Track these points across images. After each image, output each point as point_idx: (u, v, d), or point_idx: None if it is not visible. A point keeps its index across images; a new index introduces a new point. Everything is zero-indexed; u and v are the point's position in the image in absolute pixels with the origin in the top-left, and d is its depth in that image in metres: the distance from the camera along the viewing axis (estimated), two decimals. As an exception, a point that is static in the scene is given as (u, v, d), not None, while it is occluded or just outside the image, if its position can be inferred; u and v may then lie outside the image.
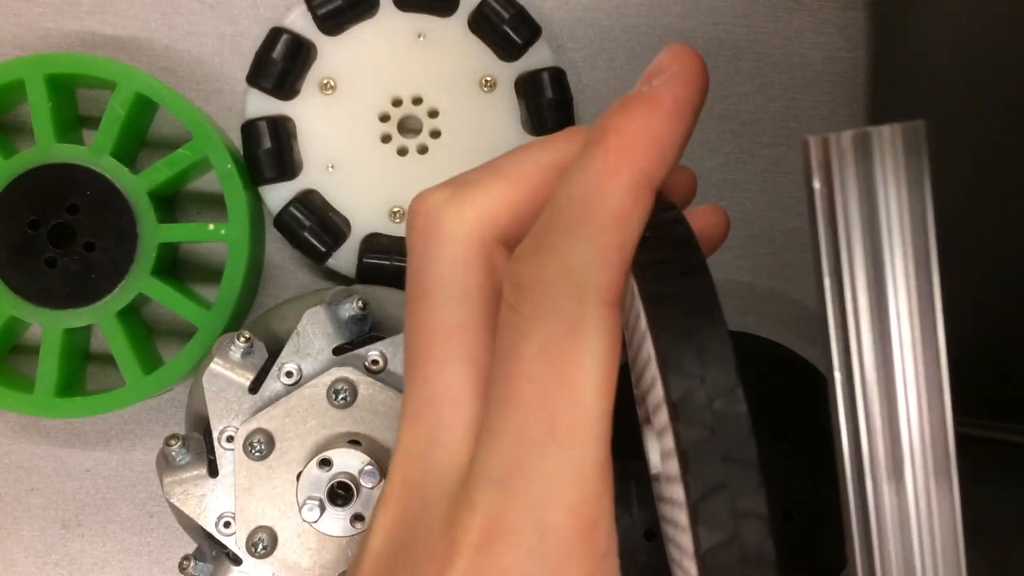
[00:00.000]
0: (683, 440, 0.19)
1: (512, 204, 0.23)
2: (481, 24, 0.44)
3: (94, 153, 0.41)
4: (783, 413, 0.42)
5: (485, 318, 0.22)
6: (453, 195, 0.23)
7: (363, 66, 0.44)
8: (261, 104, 0.44)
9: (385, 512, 0.22)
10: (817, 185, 0.22)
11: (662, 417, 0.20)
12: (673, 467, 0.20)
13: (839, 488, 0.22)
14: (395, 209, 0.44)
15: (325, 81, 0.44)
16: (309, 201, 0.43)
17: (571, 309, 0.20)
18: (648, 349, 0.20)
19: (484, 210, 0.23)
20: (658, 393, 0.20)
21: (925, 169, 0.22)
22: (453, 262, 0.22)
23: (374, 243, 0.43)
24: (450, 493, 0.21)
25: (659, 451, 0.22)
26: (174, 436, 0.37)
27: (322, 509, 0.36)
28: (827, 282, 0.22)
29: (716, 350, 0.19)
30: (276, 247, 0.46)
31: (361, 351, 0.37)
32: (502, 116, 0.44)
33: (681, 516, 0.20)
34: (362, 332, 0.39)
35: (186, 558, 0.37)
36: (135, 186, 0.41)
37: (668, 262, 0.20)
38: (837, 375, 0.22)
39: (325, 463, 0.36)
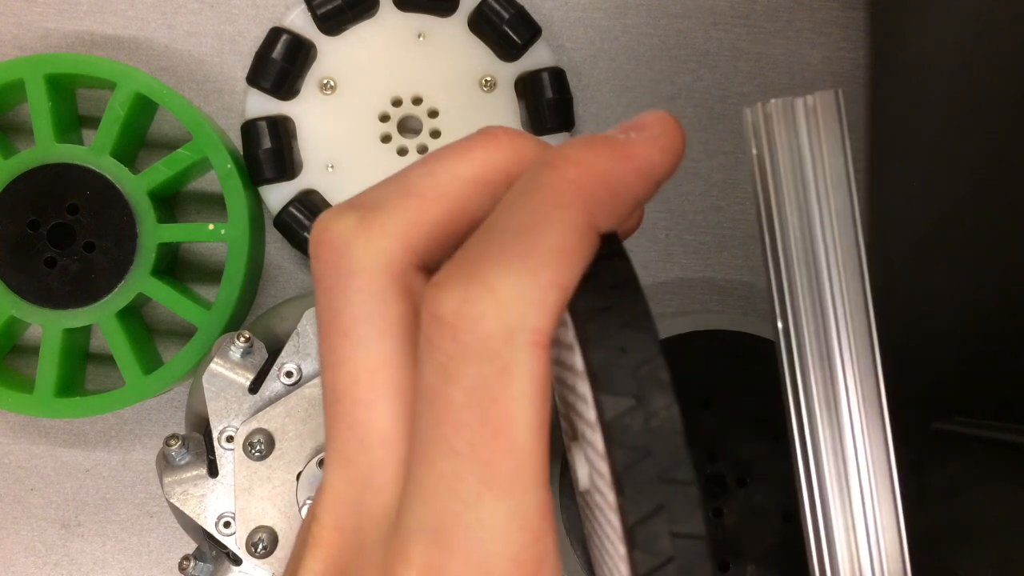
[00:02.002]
0: (618, 463, 0.18)
1: (428, 226, 0.21)
2: (481, 24, 0.44)
3: (94, 153, 0.41)
4: (783, 413, 0.42)
5: (409, 350, 0.21)
6: (361, 222, 0.21)
7: (363, 66, 0.44)
8: (261, 104, 0.44)
9: (315, 556, 0.21)
10: (754, 150, 0.24)
11: (596, 438, 0.19)
12: (605, 485, 0.19)
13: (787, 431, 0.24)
14: (395, 209, 0.44)
15: (325, 81, 0.44)
16: (309, 201, 0.43)
17: (501, 350, 0.18)
18: (578, 363, 0.20)
19: (397, 237, 0.21)
20: (591, 413, 0.19)
21: (844, 131, 0.24)
22: (368, 297, 0.20)
23: (374, 243, 0.43)
24: (384, 540, 0.20)
25: (587, 469, 0.21)
26: (174, 436, 0.37)
27: (322, 509, 0.36)
28: (766, 239, 0.24)
29: (652, 367, 0.18)
30: (276, 247, 0.46)
31: (361, 351, 0.37)
32: (502, 116, 0.44)
33: (614, 533, 0.20)
34: (362, 332, 0.39)
35: (186, 558, 0.37)
36: (135, 186, 0.41)
37: (609, 310, 0.19)
38: (779, 323, 0.24)
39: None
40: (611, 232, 0.20)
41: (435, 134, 0.44)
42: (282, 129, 0.43)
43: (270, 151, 0.43)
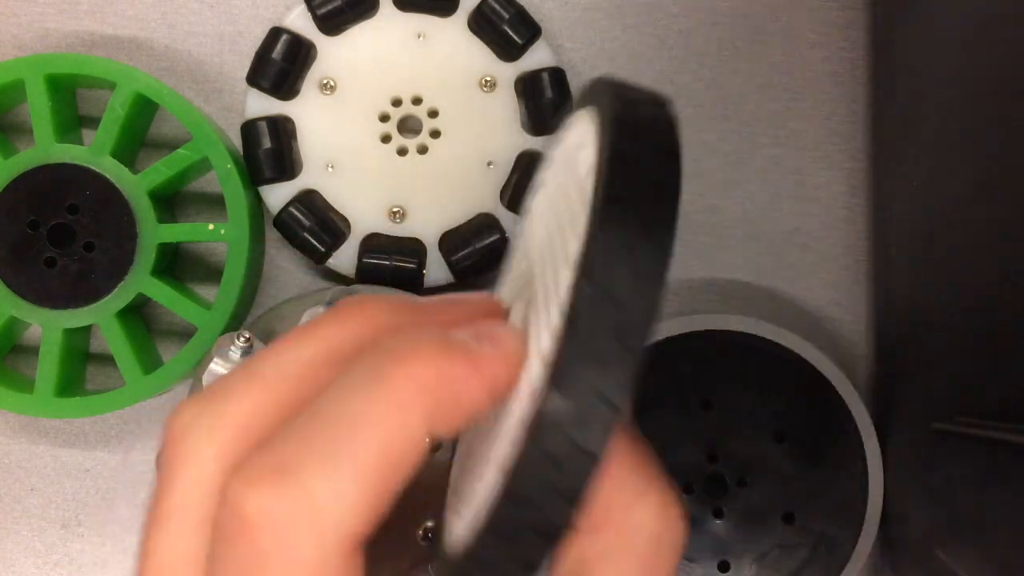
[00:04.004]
0: (579, 300, 0.17)
1: (271, 414, 0.19)
2: (481, 24, 0.44)
3: (94, 153, 0.41)
4: (783, 413, 0.42)
5: None
6: (202, 412, 0.20)
7: (363, 66, 0.44)
8: (261, 104, 0.44)
9: None
10: None
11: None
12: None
13: None
14: (395, 209, 0.44)
15: (325, 81, 0.44)
16: (309, 201, 0.43)
17: (311, 557, 0.17)
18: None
19: (236, 425, 0.19)
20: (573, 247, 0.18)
21: None
22: (196, 486, 0.19)
23: (374, 243, 0.43)
24: None
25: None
26: (174, 436, 0.37)
27: (322, 509, 0.36)
28: None
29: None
30: (276, 247, 0.46)
31: (361, 351, 0.37)
32: (502, 116, 0.44)
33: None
34: (362, 332, 0.39)
35: None
36: (135, 186, 0.41)
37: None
38: None
39: (325, 463, 0.36)
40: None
41: (435, 134, 0.44)
42: (282, 129, 0.43)
43: (270, 151, 0.43)
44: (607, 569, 0.20)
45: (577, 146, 0.22)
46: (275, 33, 0.43)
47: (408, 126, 0.45)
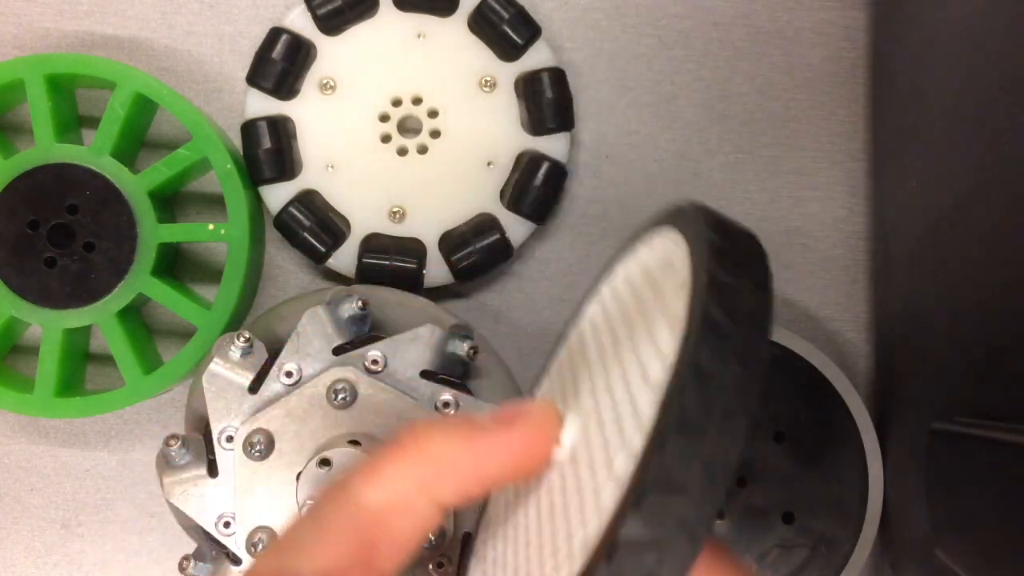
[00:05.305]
0: (669, 415, 0.17)
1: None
2: (481, 24, 0.44)
3: (94, 153, 0.41)
4: (783, 413, 0.42)
5: None
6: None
7: (363, 66, 0.44)
8: (261, 104, 0.44)
9: None
10: None
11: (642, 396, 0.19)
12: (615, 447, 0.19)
13: None
14: (395, 209, 0.44)
15: (325, 81, 0.44)
16: (309, 201, 0.43)
17: None
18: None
19: None
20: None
21: None
22: None
23: (374, 243, 0.43)
24: None
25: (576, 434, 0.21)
26: (174, 436, 0.37)
27: (322, 509, 0.36)
28: None
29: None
30: (276, 247, 0.46)
31: (361, 351, 0.37)
32: (502, 116, 0.44)
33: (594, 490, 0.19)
34: (362, 332, 0.39)
35: (186, 558, 0.37)
36: (135, 186, 0.41)
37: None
38: None
39: (325, 463, 0.36)
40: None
41: (435, 134, 0.44)
42: (282, 129, 0.43)
43: (270, 151, 0.43)
44: None
45: (661, 265, 0.22)
46: (275, 33, 0.43)
47: (408, 126, 0.45)
